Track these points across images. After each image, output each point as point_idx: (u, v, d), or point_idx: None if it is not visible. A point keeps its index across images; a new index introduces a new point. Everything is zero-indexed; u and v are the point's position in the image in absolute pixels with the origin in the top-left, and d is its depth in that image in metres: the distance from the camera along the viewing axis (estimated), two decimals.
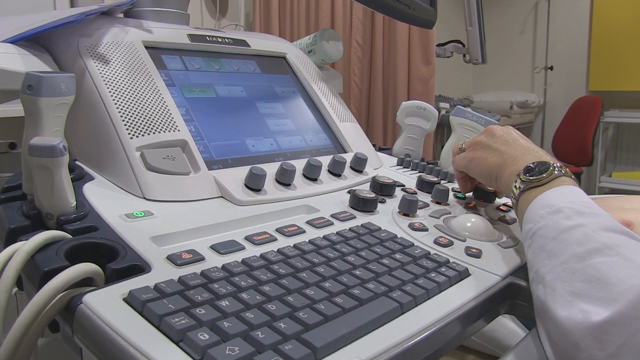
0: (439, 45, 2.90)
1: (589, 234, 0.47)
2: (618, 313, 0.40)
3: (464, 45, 2.86)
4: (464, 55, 2.88)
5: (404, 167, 0.87)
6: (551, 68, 4.30)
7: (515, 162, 0.62)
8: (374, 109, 2.51)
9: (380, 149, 0.98)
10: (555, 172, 0.56)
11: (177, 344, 0.34)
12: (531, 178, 0.57)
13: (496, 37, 4.46)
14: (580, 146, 3.72)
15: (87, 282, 0.42)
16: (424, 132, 0.94)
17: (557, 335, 0.44)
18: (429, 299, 0.47)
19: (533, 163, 0.59)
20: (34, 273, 0.41)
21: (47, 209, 0.48)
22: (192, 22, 0.83)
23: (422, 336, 0.41)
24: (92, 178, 0.57)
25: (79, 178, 0.57)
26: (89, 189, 0.54)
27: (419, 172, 0.86)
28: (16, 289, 0.48)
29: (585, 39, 4.13)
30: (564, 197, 0.53)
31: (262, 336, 0.35)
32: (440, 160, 0.92)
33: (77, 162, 0.60)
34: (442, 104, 2.70)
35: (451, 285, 0.50)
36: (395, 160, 0.90)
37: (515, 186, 0.59)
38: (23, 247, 0.41)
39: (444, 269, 0.52)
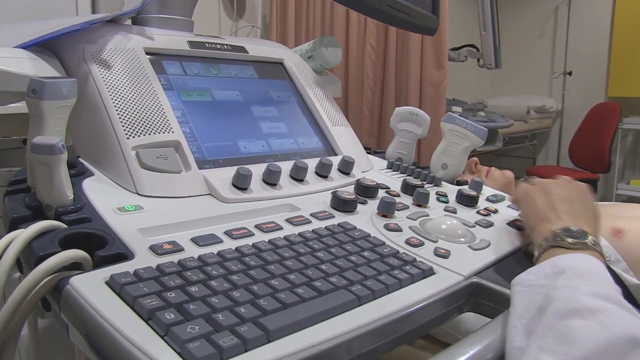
0: (453, 49, 2.93)
1: (576, 295, 0.47)
2: None
3: (478, 50, 2.89)
4: (478, 60, 2.91)
5: (394, 170, 0.91)
6: (570, 73, 4.28)
7: (558, 223, 0.61)
8: (387, 111, 2.54)
9: (374, 152, 1.02)
10: (587, 244, 0.56)
11: (146, 321, 0.39)
12: (564, 237, 0.57)
13: (515, 41, 4.45)
14: (597, 153, 3.70)
15: (77, 267, 0.47)
16: (416, 137, 0.97)
17: None
18: (388, 293, 0.51)
19: (575, 227, 0.58)
20: (30, 257, 0.46)
21: (47, 201, 0.53)
22: (210, 23, 0.88)
23: (373, 326, 0.45)
24: (91, 174, 0.63)
25: (80, 174, 0.62)
26: (87, 184, 0.60)
27: (408, 175, 0.90)
28: (19, 274, 0.54)
29: (606, 45, 4.11)
30: (575, 261, 0.53)
31: (222, 318, 0.40)
32: (431, 165, 0.96)
33: (80, 159, 0.65)
34: (454, 108, 2.72)
35: (413, 283, 0.54)
36: (386, 163, 0.94)
37: (546, 239, 0.59)
38: (22, 234, 0.47)
39: (408, 267, 0.56)
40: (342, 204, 0.68)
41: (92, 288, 0.42)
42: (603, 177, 3.90)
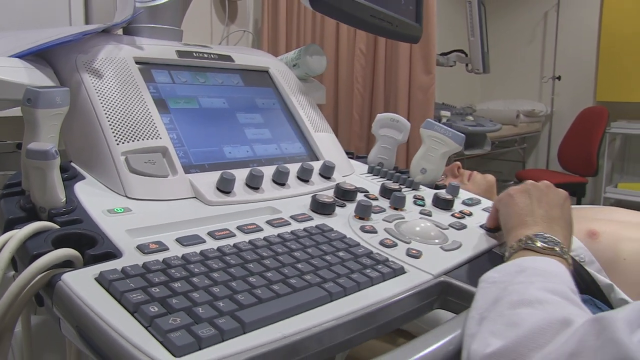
0: (442, 54, 2.98)
1: (530, 289, 0.51)
2: (504, 346, 0.45)
3: (466, 55, 2.94)
4: (467, 65, 2.96)
5: (374, 175, 0.95)
6: (559, 78, 4.35)
7: (532, 227, 0.65)
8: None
9: (357, 157, 1.06)
10: (555, 250, 0.60)
11: (132, 314, 0.43)
12: (535, 241, 0.61)
13: (505, 46, 4.52)
14: (585, 156, 3.76)
15: (69, 265, 0.51)
16: (397, 143, 1.01)
17: None
18: (359, 290, 0.55)
19: (548, 235, 0.62)
20: (25, 256, 0.50)
21: (41, 203, 0.57)
22: (202, 28, 0.91)
23: (342, 320, 0.49)
24: (83, 178, 0.66)
25: (72, 177, 0.66)
26: (79, 187, 0.63)
27: (387, 179, 0.94)
28: (14, 272, 0.57)
29: (594, 50, 4.18)
30: (539, 263, 0.57)
31: (202, 311, 0.44)
32: (410, 170, 1.00)
33: (72, 164, 0.69)
34: (443, 112, 2.76)
35: (384, 281, 0.58)
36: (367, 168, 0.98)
37: (520, 240, 0.63)
38: (17, 235, 0.50)
39: (380, 266, 0.60)
40: (320, 207, 0.71)
41: (82, 284, 0.46)
42: (591, 180, 3.97)
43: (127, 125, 0.68)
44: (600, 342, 0.38)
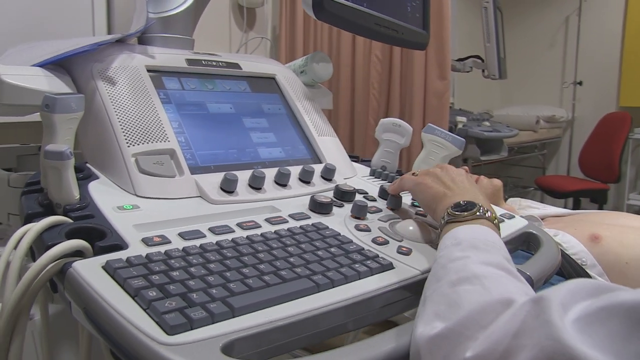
0: (459, 60, 3.00)
1: (467, 265, 0.53)
2: (447, 328, 0.47)
3: (483, 61, 2.95)
4: (483, 71, 2.97)
5: (375, 177, 0.99)
6: (580, 83, 4.32)
7: (452, 197, 0.70)
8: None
9: (361, 161, 1.10)
10: (477, 214, 0.64)
11: (133, 298, 0.47)
12: (455, 213, 0.65)
13: (525, 51, 4.51)
14: (607, 163, 3.73)
15: (80, 254, 0.56)
16: (399, 147, 1.05)
17: (411, 349, 0.51)
18: (346, 283, 0.58)
19: (463, 201, 0.67)
20: (41, 246, 0.55)
21: (57, 200, 0.62)
22: (221, 35, 0.96)
23: (326, 309, 0.53)
24: (97, 177, 0.72)
25: (87, 177, 0.71)
26: (92, 186, 0.69)
27: (388, 182, 0.97)
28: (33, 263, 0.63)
29: (617, 54, 4.14)
30: (471, 232, 0.61)
31: (196, 297, 0.48)
32: None
33: (87, 164, 0.74)
34: (459, 118, 2.78)
35: (372, 275, 0.62)
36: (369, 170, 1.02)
37: (443, 217, 0.67)
38: (34, 227, 0.56)
39: (369, 262, 0.63)
40: (318, 207, 0.76)
41: (90, 271, 0.51)
42: (614, 187, 3.92)
43: (137, 129, 0.73)
44: (538, 323, 0.42)
